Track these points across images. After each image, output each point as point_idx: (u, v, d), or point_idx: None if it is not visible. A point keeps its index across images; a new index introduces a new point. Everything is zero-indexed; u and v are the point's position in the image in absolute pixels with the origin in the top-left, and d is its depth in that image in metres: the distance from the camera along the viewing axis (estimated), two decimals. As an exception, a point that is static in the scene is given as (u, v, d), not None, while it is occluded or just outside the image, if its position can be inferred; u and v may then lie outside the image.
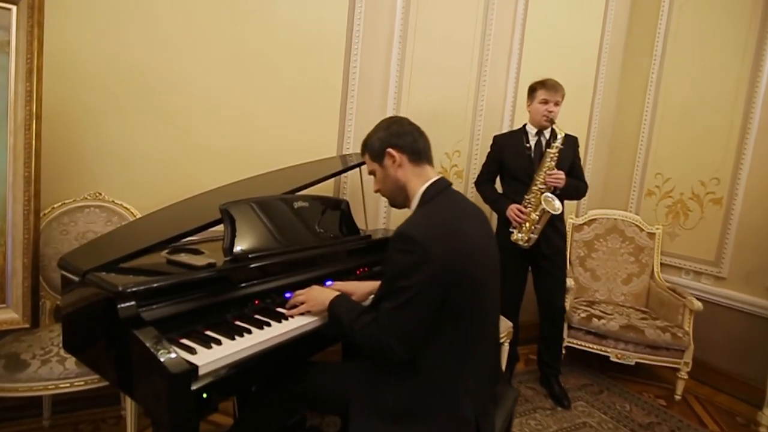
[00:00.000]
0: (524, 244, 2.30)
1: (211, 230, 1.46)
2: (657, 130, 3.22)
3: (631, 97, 3.36)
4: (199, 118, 2.13)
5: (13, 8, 1.51)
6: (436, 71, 2.72)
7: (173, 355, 1.02)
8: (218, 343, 1.14)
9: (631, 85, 3.38)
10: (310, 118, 2.40)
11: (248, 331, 1.23)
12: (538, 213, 2.26)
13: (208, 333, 1.19)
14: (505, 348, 2.22)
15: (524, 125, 2.46)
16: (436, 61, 2.71)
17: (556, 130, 2.28)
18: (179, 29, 2.03)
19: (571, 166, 2.39)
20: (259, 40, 2.21)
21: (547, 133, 2.38)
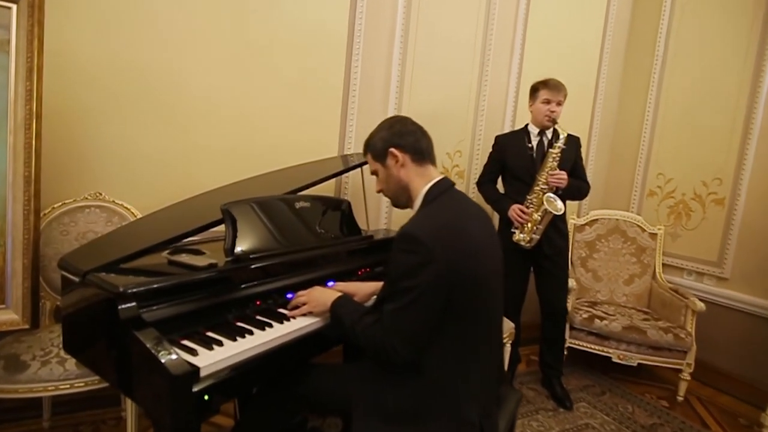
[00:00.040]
0: (526, 244, 2.30)
1: (212, 230, 1.45)
2: (659, 130, 3.21)
3: (633, 97, 3.35)
4: (200, 117, 2.12)
5: (14, 7, 1.50)
6: (437, 71, 2.71)
7: (174, 356, 1.01)
8: (220, 344, 1.14)
9: (632, 85, 3.37)
10: (311, 118, 2.39)
11: (250, 332, 1.22)
12: (540, 213, 2.25)
13: (210, 334, 1.18)
14: (507, 349, 2.22)
15: (526, 125, 2.45)
16: (437, 61, 2.70)
17: (558, 130, 2.28)
18: (180, 29, 2.03)
19: (573, 167, 2.38)
20: (260, 39, 2.20)
21: (549, 133, 2.38)
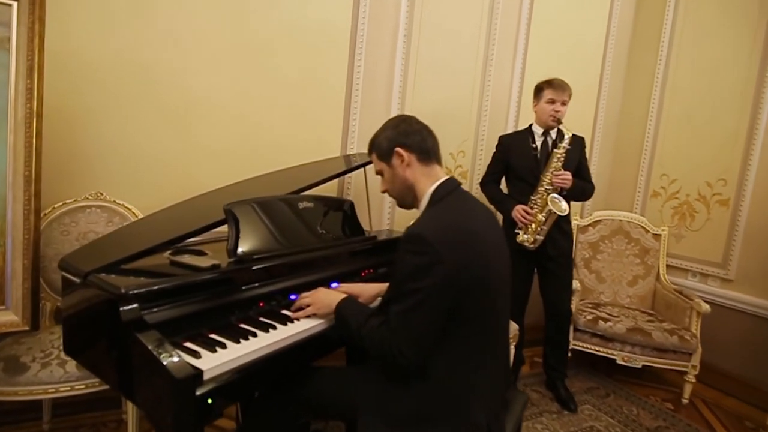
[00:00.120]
0: (530, 245, 2.28)
1: (214, 231, 1.43)
2: (662, 130, 3.19)
3: (637, 97, 3.34)
4: (202, 117, 2.11)
5: (14, 4, 1.49)
6: (440, 70, 2.70)
7: (177, 358, 0.99)
8: (223, 346, 1.12)
9: (636, 85, 3.35)
10: (314, 118, 2.38)
11: (254, 335, 1.20)
12: (544, 214, 2.23)
13: (213, 336, 1.17)
14: (511, 350, 2.19)
15: (530, 125, 2.43)
16: (440, 60, 2.68)
17: (563, 130, 2.26)
18: (181, 27, 2.01)
19: (577, 167, 2.36)
20: (263, 39, 2.19)
21: (554, 134, 2.36)
